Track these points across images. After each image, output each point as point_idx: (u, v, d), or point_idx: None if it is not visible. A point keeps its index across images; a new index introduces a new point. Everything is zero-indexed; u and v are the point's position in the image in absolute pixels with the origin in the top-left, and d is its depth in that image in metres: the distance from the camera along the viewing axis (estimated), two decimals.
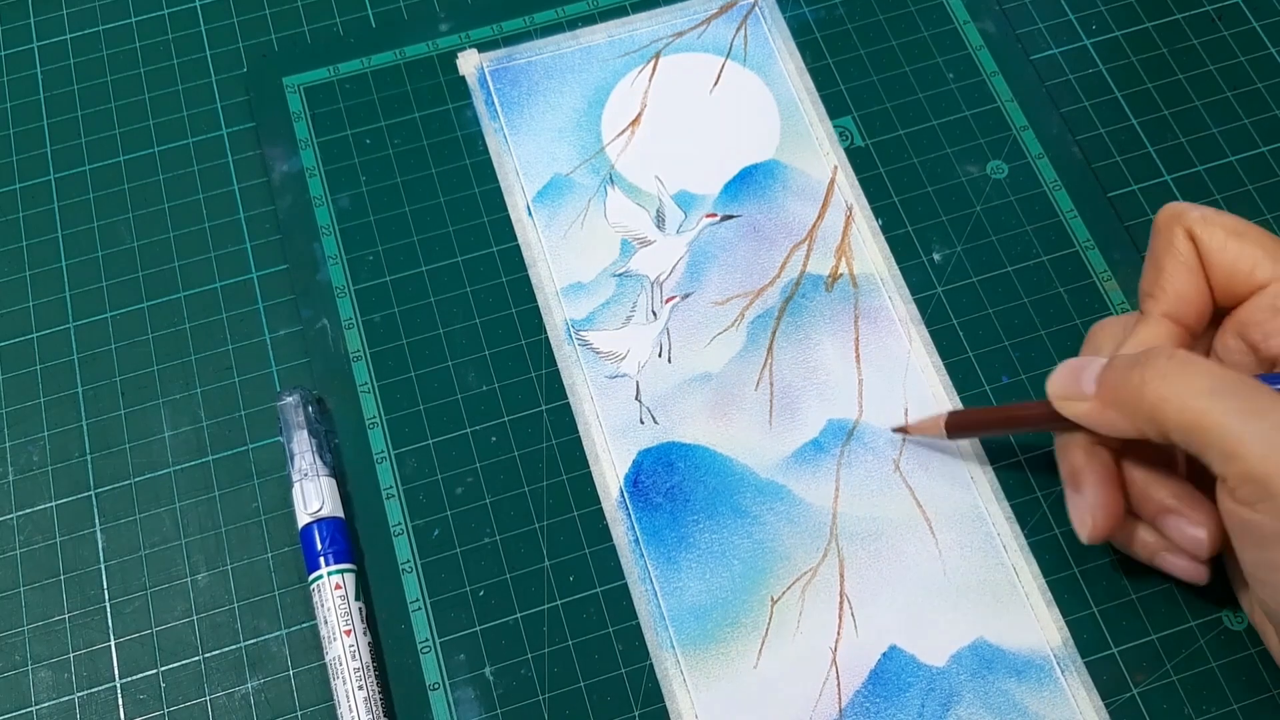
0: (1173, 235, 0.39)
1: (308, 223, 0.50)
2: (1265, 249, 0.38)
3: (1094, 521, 0.40)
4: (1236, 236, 0.39)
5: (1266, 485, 0.34)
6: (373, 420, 0.46)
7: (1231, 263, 0.39)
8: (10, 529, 0.45)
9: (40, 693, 0.42)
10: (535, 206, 0.50)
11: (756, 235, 0.49)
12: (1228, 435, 0.34)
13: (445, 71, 0.53)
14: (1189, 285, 0.39)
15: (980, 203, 0.50)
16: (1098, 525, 0.40)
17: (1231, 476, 0.35)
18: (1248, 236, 0.39)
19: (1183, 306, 0.39)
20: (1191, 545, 0.39)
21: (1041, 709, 0.41)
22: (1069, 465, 0.41)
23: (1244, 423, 0.34)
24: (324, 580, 0.42)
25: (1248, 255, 0.38)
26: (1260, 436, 0.34)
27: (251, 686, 0.42)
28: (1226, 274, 0.39)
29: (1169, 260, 0.39)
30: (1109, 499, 0.40)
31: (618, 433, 0.46)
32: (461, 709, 0.42)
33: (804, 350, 0.47)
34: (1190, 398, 0.35)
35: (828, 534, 0.44)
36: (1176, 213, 0.40)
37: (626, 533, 0.44)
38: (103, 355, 0.48)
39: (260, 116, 0.52)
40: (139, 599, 0.44)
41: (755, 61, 0.53)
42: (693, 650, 0.42)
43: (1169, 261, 0.39)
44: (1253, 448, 0.34)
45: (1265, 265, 0.38)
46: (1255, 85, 0.52)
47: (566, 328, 0.47)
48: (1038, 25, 0.54)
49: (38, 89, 0.53)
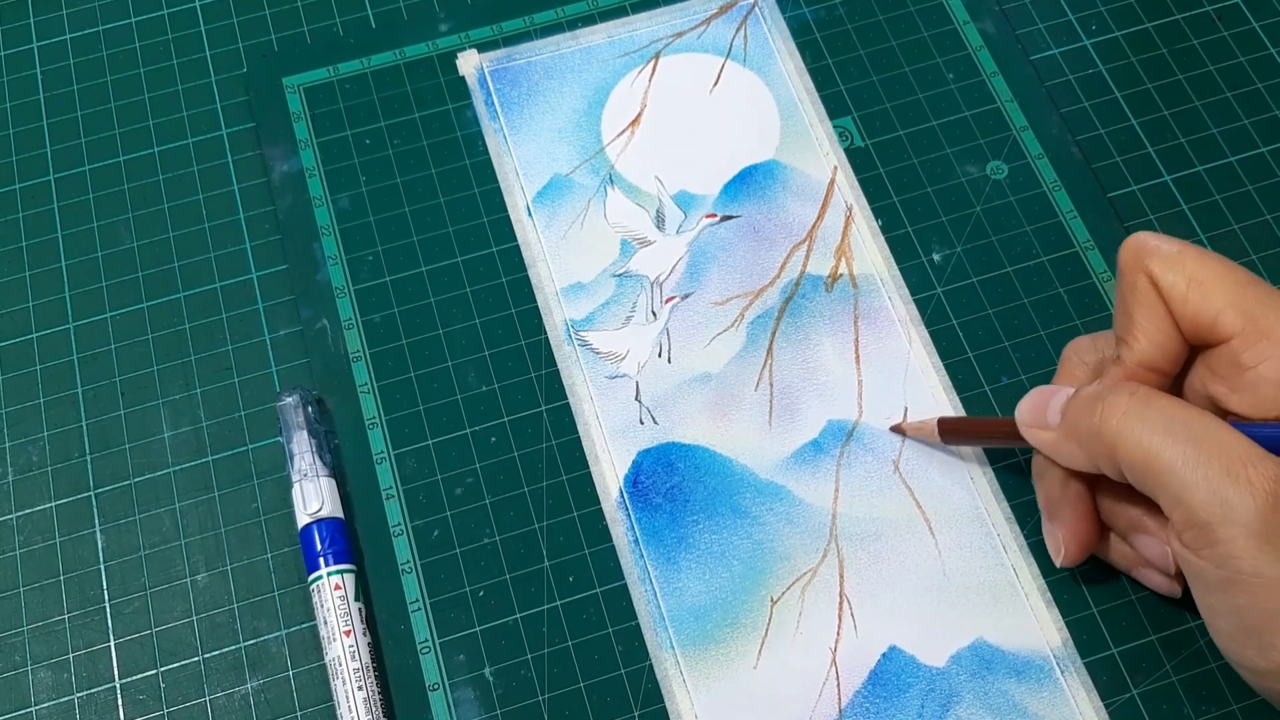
0: (1136, 280, 0.38)
1: (308, 223, 0.50)
2: (1228, 298, 0.37)
3: (1065, 550, 0.41)
4: (1198, 285, 0.37)
5: (1208, 532, 0.34)
6: (372, 420, 0.46)
7: (1194, 314, 0.37)
8: (10, 529, 0.45)
9: (40, 693, 0.42)
10: (535, 207, 0.50)
11: (756, 235, 0.49)
12: (1174, 478, 0.34)
13: (445, 72, 0.53)
14: (1160, 334, 0.38)
15: (980, 203, 0.50)
16: (1069, 553, 0.41)
17: (1177, 521, 0.35)
18: (1208, 285, 0.37)
19: (1156, 354, 0.38)
20: (1159, 561, 0.40)
21: (1041, 709, 0.41)
22: (1044, 494, 0.41)
23: (1191, 467, 0.34)
24: (324, 581, 0.42)
25: (1209, 305, 0.37)
26: (1204, 481, 0.34)
27: (251, 687, 0.42)
28: (1191, 323, 0.37)
29: (1136, 308, 0.38)
30: (1081, 528, 0.40)
31: (617, 433, 0.46)
32: (461, 709, 0.42)
33: (804, 351, 0.47)
34: (1144, 435, 0.35)
35: (827, 534, 0.44)
36: (1137, 253, 0.38)
37: (626, 533, 0.44)
38: (103, 355, 0.48)
39: (260, 116, 0.52)
40: (139, 599, 0.44)
41: (755, 62, 0.53)
42: (692, 651, 0.42)
43: (1136, 309, 0.38)
44: (1195, 494, 0.34)
45: (1228, 317, 0.37)
46: (1255, 85, 0.52)
47: (566, 328, 0.47)
48: (1038, 25, 0.54)
49: (38, 89, 0.53)
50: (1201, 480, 0.34)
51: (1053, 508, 0.41)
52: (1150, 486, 0.35)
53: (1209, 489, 0.34)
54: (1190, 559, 0.35)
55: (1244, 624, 0.34)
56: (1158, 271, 0.37)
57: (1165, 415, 0.35)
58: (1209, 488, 0.34)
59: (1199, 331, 0.37)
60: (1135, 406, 0.36)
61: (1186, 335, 0.38)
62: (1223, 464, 0.34)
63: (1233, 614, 0.35)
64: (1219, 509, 0.33)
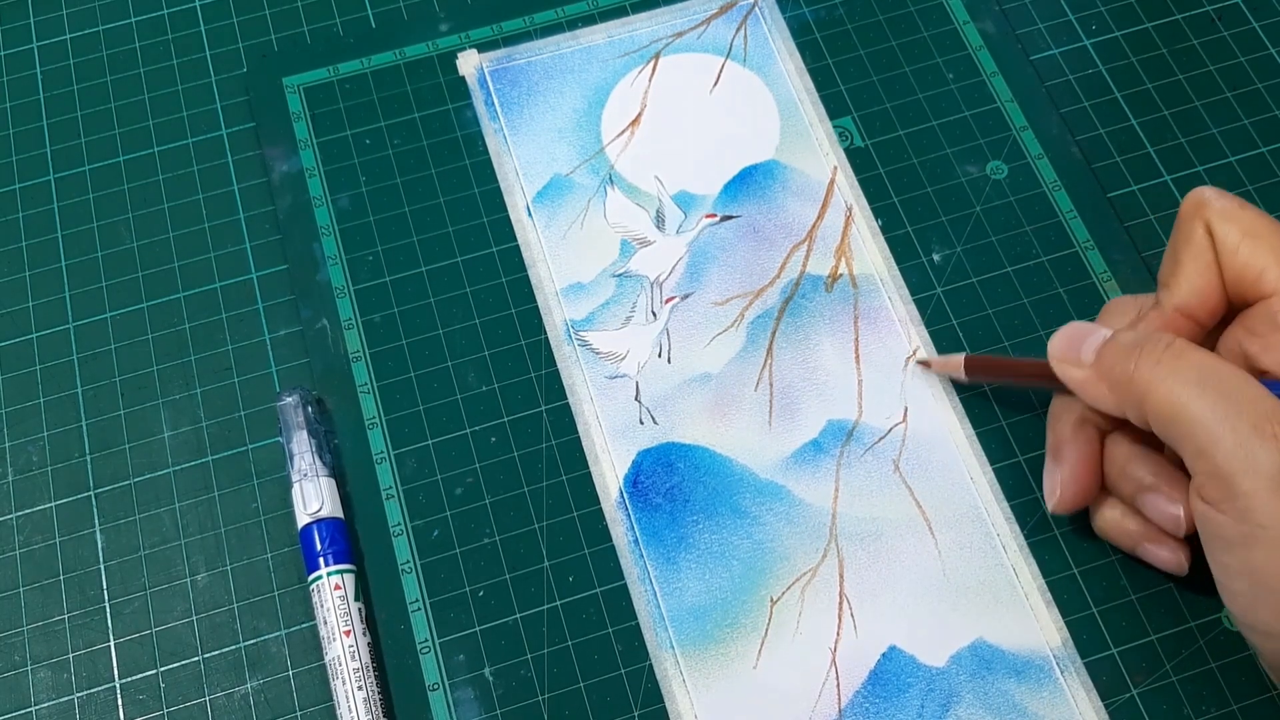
0: (1192, 228, 0.39)
1: (307, 223, 0.50)
2: (1277, 254, 0.37)
3: (1062, 493, 0.41)
4: (1251, 238, 0.38)
5: (1230, 484, 0.34)
6: (372, 420, 0.46)
7: (1242, 265, 0.38)
8: (10, 529, 0.45)
9: (40, 693, 0.42)
10: (535, 207, 0.50)
11: (756, 235, 0.49)
12: (1201, 429, 0.35)
13: (445, 72, 0.53)
14: (1203, 281, 0.38)
15: (980, 203, 0.50)
16: (1065, 497, 0.41)
17: (1200, 473, 0.35)
18: (1262, 239, 0.38)
19: (1195, 301, 0.39)
20: (1169, 523, 0.39)
21: (1041, 709, 0.41)
22: (1055, 435, 0.42)
23: (1220, 419, 0.34)
24: (323, 581, 0.42)
25: (1258, 260, 0.37)
26: (1232, 434, 0.34)
27: (251, 687, 0.42)
28: (1236, 275, 0.38)
29: (1186, 254, 0.39)
30: (1082, 475, 0.41)
31: (617, 433, 0.46)
32: (461, 709, 0.42)
33: (804, 351, 0.47)
34: (1177, 386, 0.35)
35: (827, 534, 0.44)
36: (1199, 203, 0.39)
37: (626, 533, 0.44)
38: (103, 355, 0.48)
39: (260, 117, 0.52)
40: (139, 599, 0.44)
41: (755, 62, 0.53)
42: (692, 651, 0.42)
43: (1185, 255, 0.39)
44: (1222, 444, 0.34)
45: (1272, 272, 0.37)
46: (1255, 85, 0.52)
47: (566, 328, 0.47)
48: (1038, 25, 0.54)
49: (38, 89, 0.53)
50: (1229, 433, 0.34)
51: (1059, 449, 0.41)
52: (1176, 437, 0.36)
53: (1235, 442, 0.34)
54: (1209, 514, 0.35)
55: (1260, 583, 0.34)
56: (1214, 222, 0.38)
57: (1199, 368, 0.35)
58: (1235, 440, 0.34)
59: (1242, 285, 0.38)
60: (1170, 357, 0.36)
61: (1229, 288, 0.38)
62: (1251, 419, 0.34)
63: (1249, 573, 0.35)
64: (1244, 462, 0.33)
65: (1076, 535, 0.44)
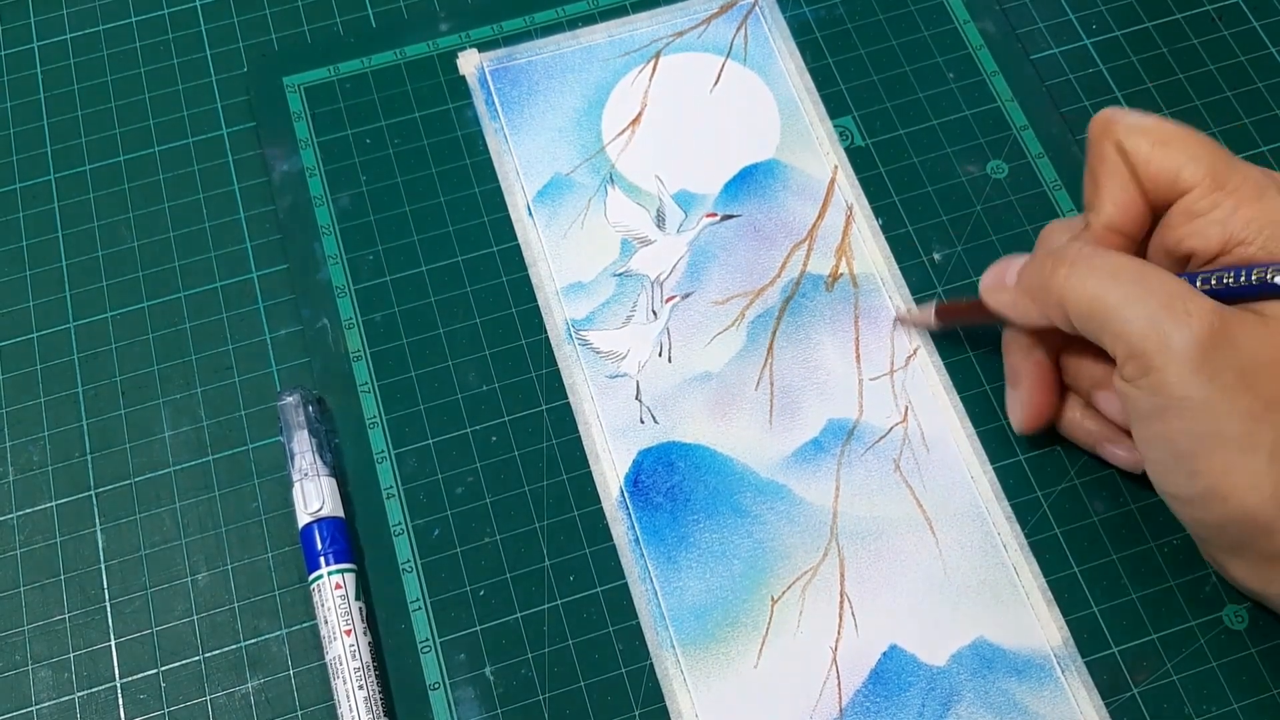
0: (1103, 148, 0.40)
1: (308, 222, 0.50)
2: (1190, 153, 0.39)
3: (1024, 413, 0.44)
4: (1161, 145, 0.39)
5: (1145, 360, 0.36)
6: (373, 420, 0.46)
7: (1156, 172, 0.39)
8: (10, 529, 0.45)
9: (40, 692, 0.42)
10: (535, 206, 0.50)
11: (757, 235, 0.49)
12: (1116, 315, 0.37)
13: (445, 71, 0.53)
14: (1123, 196, 0.40)
15: (980, 202, 0.50)
16: (1027, 417, 0.44)
17: (1119, 355, 0.37)
18: (1173, 143, 0.39)
19: (1120, 217, 0.40)
20: (1120, 417, 0.42)
21: (1041, 709, 0.41)
22: (1009, 363, 0.44)
23: (1131, 303, 0.36)
24: (324, 580, 0.42)
25: (1171, 162, 0.39)
26: (1144, 316, 0.36)
27: (252, 686, 0.42)
28: (1154, 182, 0.39)
29: (1102, 173, 0.40)
30: (1038, 394, 0.43)
31: (618, 432, 0.46)
32: (462, 709, 0.42)
33: (804, 350, 0.47)
34: (1089, 281, 0.38)
35: (828, 533, 0.44)
36: (1104, 123, 0.40)
37: (626, 532, 0.44)
38: (103, 355, 0.48)
39: (260, 116, 0.52)
40: (139, 599, 0.44)
41: (755, 61, 0.53)
42: (693, 650, 0.42)
43: (1102, 174, 0.40)
44: (1135, 326, 0.36)
45: (1188, 169, 0.38)
46: (1255, 85, 0.52)
47: (566, 327, 0.47)
48: (1038, 25, 0.54)
49: (38, 89, 0.53)
50: (1141, 314, 0.36)
51: (1015, 375, 0.44)
52: (1095, 329, 0.38)
53: (1148, 321, 0.36)
54: (1128, 391, 0.37)
55: (1173, 450, 0.37)
56: (1124, 137, 0.39)
57: (1109, 262, 0.38)
58: (1148, 320, 0.36)
59: (1161, 189, 0.39)
60: (1083, 257, 0.38)
61: (1150, 196, 0.40)
62: (1161, 300, 0.36)
63: (1164, 441, 0.37)
64: (1155, 338, 0.36)
65: (1077, 534, 0.44)
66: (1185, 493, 0.37)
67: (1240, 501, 0.35)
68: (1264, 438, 0.35)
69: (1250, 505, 0.35)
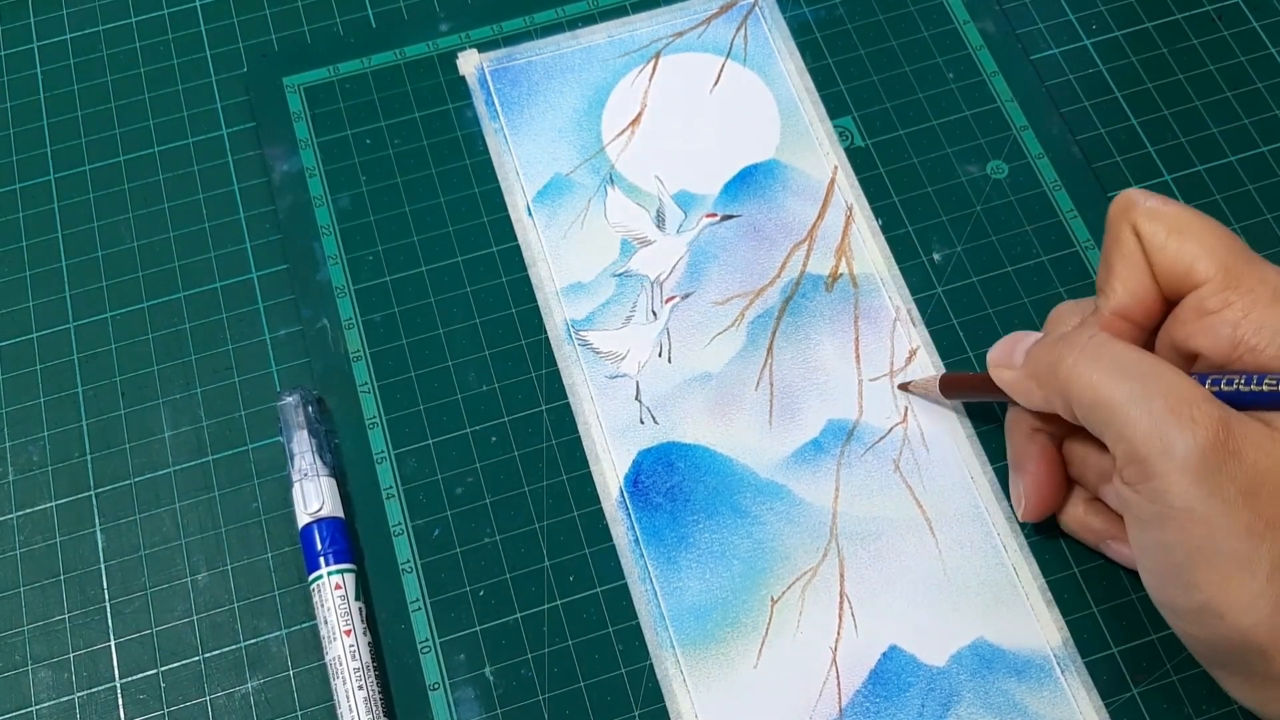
0: (1120, 231, 0.39)
1: (308, 223, 0.50)
2: (1205, 246, 0.37)
3: (1027, 500, 0.42)
4: (1177, 234, 0.38)
5: (1146, 466, 0.35)
6: (373, 420, 0.46)
7: (1171, 261, 0.38)
8: (10, 529, 0.45)
9: (40, 693, 0.42)
10: (535, 206, 0.50)
11: (756, 235, 0.49)
12: (1119, 414, 0.35)
13: (445, 71, 0.53)
14: (1136, 283, 0.39)
15: (980, 203, 0.50)
16: (1029, 504, 0.42)
17: (1120, 456, 0.36)
18: (1189, 233, 0.38)
19: (1131, 304, 0.39)
20: None
21: (1041, 709, 0.41)
22: (1013, 447, 0.43)
23: (1135, 403, 0.35)
24: (324, 580, 0.42)
25: (1186, 254, 0.38)
26: (1147, 417, 0.35)
27: (251, 686, 0.42)
28: (1167, 272, 0.38)
29: (1116, 257, 0.39)
30: (1043, 481, 0.42)
31: (618, 433, 0.46)
32: (461, 709, 0.42)
33: (804, 350, 0.47)
34: (1096, 374, 0.36)
35: (828, 534, 0.44)
36: (1124, 206, 0.39)
37: (626, 533, 0.44)
38: (103, 355, 0.48)
39: (260, 116, 0.52)
40: (139, 599, 0.44)
41: (755, 61, 0.53)
42: (693, 650, 0.42)
43: (1116, 258, 0.39)
44: (1137, 429, 0.35)
45: (1201, 264, 0.37)
46: (1255, 85, 0.52)
47: (566, 328, 0.47)
48: (1038, 25, 0.54)
49: (38, 89, 0.53)
50: (1144, 416, 0.35)
51: (1019, 459, 0.43)
52: (1098, 423, 0.36)
53: (1150, 424, 0.35)
54: (1128, 495, 0.36)
55: (1170, 560, 0.35)
56: (1141, 223, 0.38)
57: (1117, 356, 0.36)
58: (1150, 423, 0.35)
59: (1174, 281, 0.38)
60: (1091, 346, 0.37)
61: (1163, 286, 0.39)
62: (1166, 402, 0.35)
63: (1161, 550, 0.35)
64: (1158, 444, 0.34)
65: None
66: (1180, 605, 0.36)
67: (1236, 621, 0.34)
68: (1263, 556, 0.33)
69: (1245, 625, 0.34)
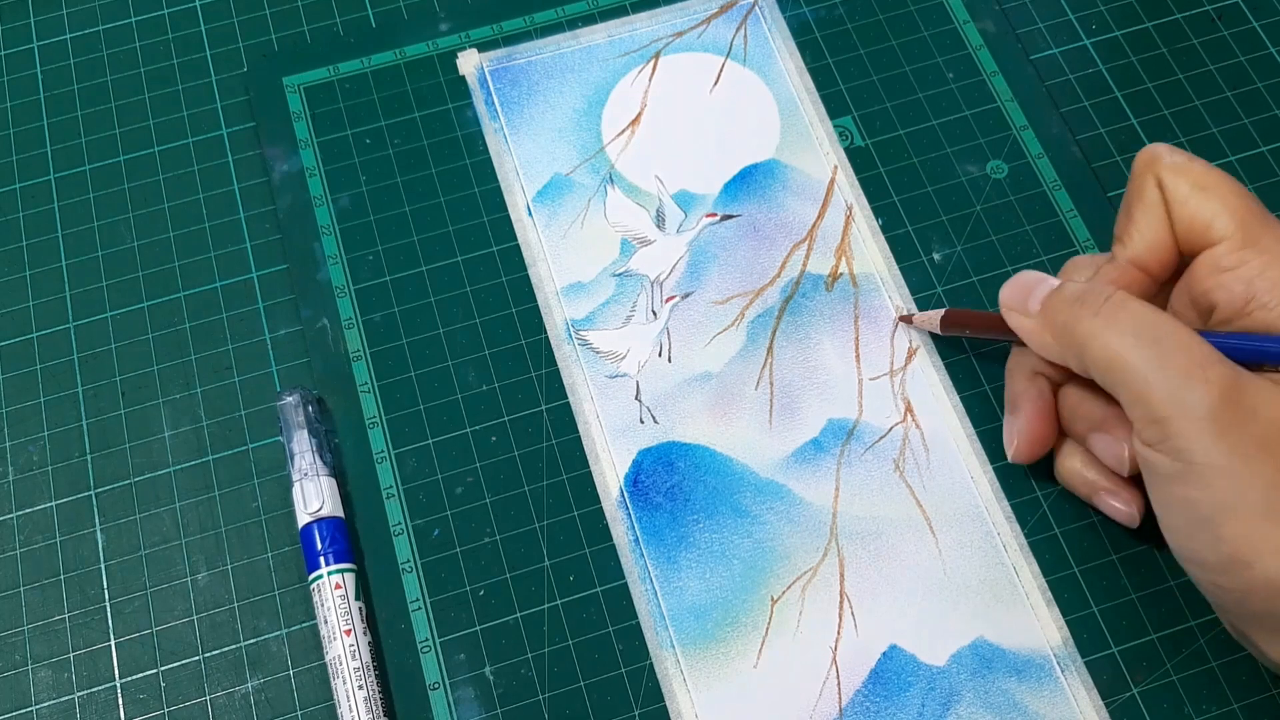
0: (1144, 182, 0.40)
1: (308, 222, 0.50)
2: (1226, 204, 0.38)
3: (1018, 442, 0.43)
4: (1200, 190, 0.39)
5: (1165, 426, 0.35)
6: (373, 420, 0.46)
7: (1191, 216, 0.39)
8: (10, 529, 0.45)
9: (40, 692, 0.42)
10: (535, 206, 0.50)
11: (756, 235, 0.49)
12: (1138, 378, 0.36)
13: (445, 71, 0.53)
14: (1154, 234, 0.40)
15: (980, 202, 0.50)
16: (1020, 446, 0.43)
17: (1138, 418, 0.37)
18: (1211, 190, 0.39)
19: (1147, 254, 0.40)
20: (1114, 461, 0.41)
21: (1041, 709, 0.41)
22: (1011, 387, 0.43)
23: (1154, 368, 0.36)
24: (324, 580, 0.42)
25: (1206, 210, 0.38)
26: (1165, 382, 0.35)
27: (251, 686, 0.42)
28: (1186, 227, 0.39)
29: (1138, 208, 0.40)
30: (1036, 424, 0.42)
31: (618, 432, 0.46)
32: (462, 708, 0.42)
33: (804, 350, 0.47)
34: (1114, 337, 0.37)
35: (828, 533, 0.44)
36: (1150, 158, 0.40)
37: (626, 532, 0.44)
38: (103, 355, 0.48)
39: (260, 116, 0.52)
40: (139, 599, 0.44)
41: (755, 61, 0.53)
42: (693, 650, 0.42)
43: (1138, 209, 0.40)
44: (1156, 392, 0.36)
45: (1221, 221, 0.38)
46: (1255, 85, 0.52)
47: (566, 327, 0.47)
48: (1038, 25, 0.54)
49: (38, 89, 0.53)
50: (1161, 379, 0.36)
51: (1016, 400, 0.43)
52: (1114, 384, 0.37)
53: (1168, 387, 0.35)
54: (1148, 454, 0.37)
55: (1196, 516, 0.36)
56: (1165, 176, 0.39)
57: (1134, 318, 0.37)
58: (1168, 386, 0.35)
59: (1192, 236, 0.39)
60: (1108, 309, 0.38)
61: (1180, 240, 0.39)
62: (1182, 364, 0.35)
63: (1186, 507, 0.36)
64: (1176, 404, 0.35)
65: (1077, 534, 0.44)
66: (1207, 559, 0.36)
67: (1264, 568, 0.35)
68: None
69: (1274, 572, 0.34)
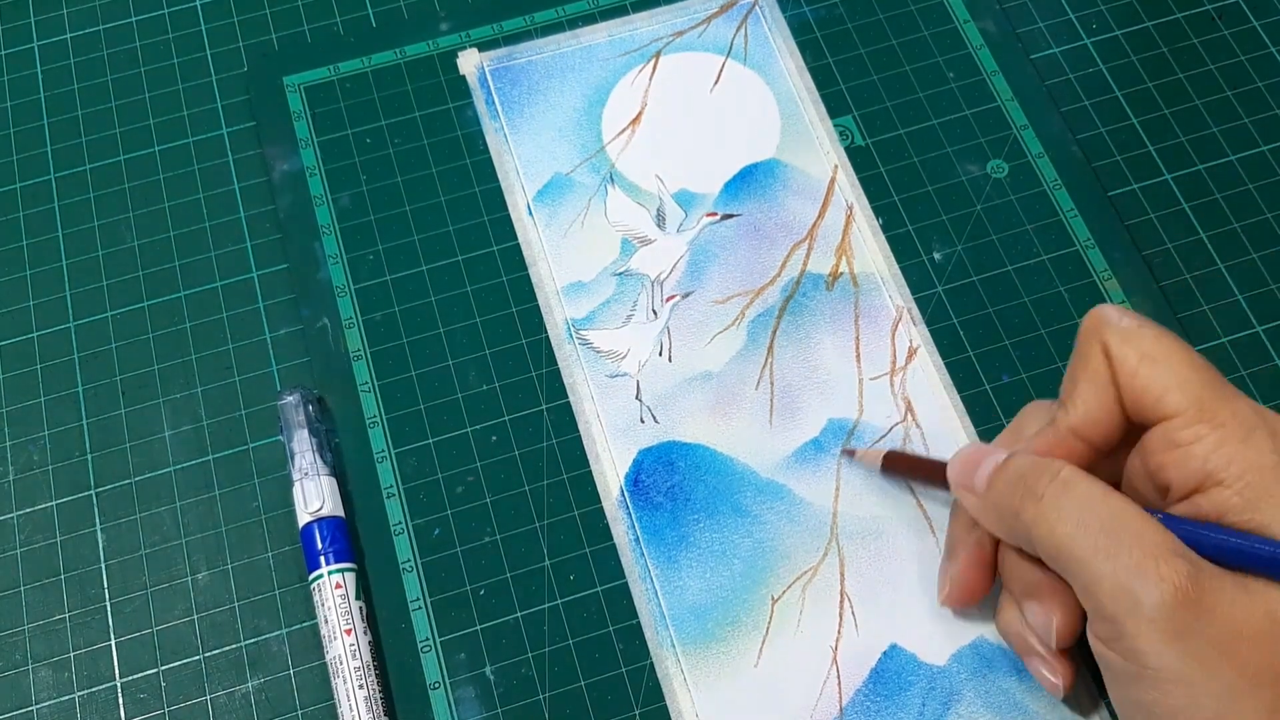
0: (1090, 349, 0.37)
1: (308, 222, 0.50)
2: (1178, 376, 0.36)
3: (952, 589, 0.41)
4: (1150, 361, 0.36)
5: (1116, 625, 0.34)
6: (373, 419, 0.46)
7: (1141, 389, 0.36)
8: (10, 528, 0.45)
9: (40, 692, 0.42)
10: (535, 205, 0.50)
11: (757, 234, 0.49)
12: (1085, 568, 0.34)
13: (445, 71, 0.53)
14: (1097, 404, 0.37)
15: (980, 202, 0.50)
16: (951, 594, 0.41)
17: (1090, 610, 0.35)
18: (1162, 361, 0.36)
19: (1088, 425, 0.37)
20: (1043, 633, 0.39)
21: (1042, 708, 0.41)
22: (951, 533, 0.42)
23: (1103, 560, 0.34)
24: (324, 579, 0.42)
25: (1157, 383, 0.36)
26: (1115, 576, 0.33)
27: (252, 686, 0.42)
28: (1136, 399, 0.36)
29: (1082, 374, 0.37)
30: (970, 577, 0.41)
31: (618, 432, 0.46)
32: (462, 708, 0.42)
33: (804, 349, 0.47)
34: (1059, 524, 0.35)
35: (828, 533, 0.44)
36: (1097, 323, 0.37)
37: (627, 532, 0.44)
38: (103, 354, 0.48)
39: (260, 116, 0.52)
40: (139, 598, 0.44)
41: (755, 61, 0.53)
42: (693, 649, 0.42)
43: (1082, 376, 0.37)
44: (1106, 588, 0.34)
45: (1172, 396, 0.36)
46: (1255, 85, 0.53)
47: (567, 327, 0.47)
48: (1038, 24, 0.54)
49: (38, 89, 0.53)
50: (1111, 573, 0.34)
51: (954, 547, 0.41)
52: (1064, 573, 0.36)
53: (1117, 582, 0.33)
54: (1101, 650, 0.35)
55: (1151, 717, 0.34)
56: (1113, 344, 0.37)
57: (1081, 503, 0.35)
58: (1117, 581, 0.33)
59: (1142, 408, 0.36)
60: (1054, 492, 0.36)
61: (1129, 410, 0.37)
62: (1133, 557, 0.33)
63: (1140, 709, 0.34)
64: (1127, 602, 0.33)
65: None
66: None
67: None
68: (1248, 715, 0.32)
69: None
